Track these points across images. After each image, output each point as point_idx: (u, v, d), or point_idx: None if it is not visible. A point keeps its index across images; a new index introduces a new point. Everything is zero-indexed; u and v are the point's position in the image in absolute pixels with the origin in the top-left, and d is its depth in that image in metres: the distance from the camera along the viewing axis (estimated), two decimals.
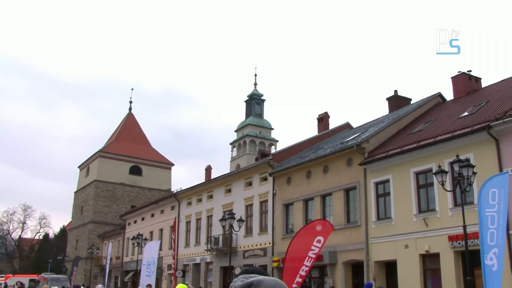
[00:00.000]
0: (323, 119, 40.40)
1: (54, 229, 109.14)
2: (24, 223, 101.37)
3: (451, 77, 29.87)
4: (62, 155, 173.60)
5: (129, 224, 60.85)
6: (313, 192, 30.07)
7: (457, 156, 17.77)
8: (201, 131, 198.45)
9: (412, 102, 33.60)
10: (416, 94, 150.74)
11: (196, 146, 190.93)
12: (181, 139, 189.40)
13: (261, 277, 2.60)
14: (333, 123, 40.24)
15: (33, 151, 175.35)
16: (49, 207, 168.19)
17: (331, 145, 31.85)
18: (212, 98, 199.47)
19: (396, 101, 33.79)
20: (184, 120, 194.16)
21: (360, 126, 35.24)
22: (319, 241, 16.65)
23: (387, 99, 34.76)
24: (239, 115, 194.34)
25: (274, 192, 33.67)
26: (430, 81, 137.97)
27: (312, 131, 57.19)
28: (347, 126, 38.25)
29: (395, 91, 34.24)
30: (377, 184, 26.04)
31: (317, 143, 36.11)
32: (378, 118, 33.88)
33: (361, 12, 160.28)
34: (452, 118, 25.17)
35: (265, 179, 35.21)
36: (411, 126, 28.24)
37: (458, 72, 29.51)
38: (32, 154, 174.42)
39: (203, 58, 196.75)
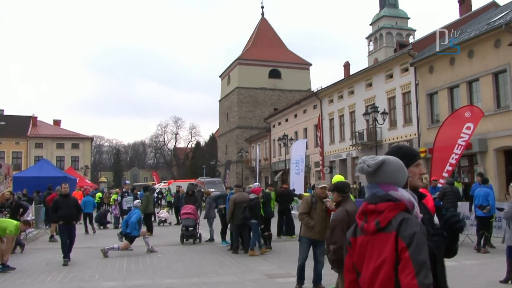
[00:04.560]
0: (464, 1, 37.78)
1: (204, 137, 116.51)
2: (176, 134, 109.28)
3: None
4: (201, 67, 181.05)
5: (273, 126, 62.98)
6: (458, 79, 28.95)
7: None
8: (333, 27, 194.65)
9: None
10: None
11: (329, 43, 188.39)
12: (314, 38, 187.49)
13: (388, 156, 2.91)
14: (476, 4, 37.54)
15: (175, 67, 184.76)
16: (197, 117, 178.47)
17: (475, 27, 29.99)
18: None
19: None
20: (315, 18, 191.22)
21: (508, 3, 32.53)
22: (468, 128, 16.35)
23: None
24: (372, 8, 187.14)
25: (417, 82, 32.89)
26: None
27: (453, 15, 53.85)
28: (492, 5, 35.45)
29: None
30: None
31: (459, 27, 34.16)
32: None
33: None
34: None
35: (406, 69, 34.38)
36: None
37: None
38: (174, 70, 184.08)
39: None
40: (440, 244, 2.86)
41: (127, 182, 21.60)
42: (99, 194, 33.79)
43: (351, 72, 45.79)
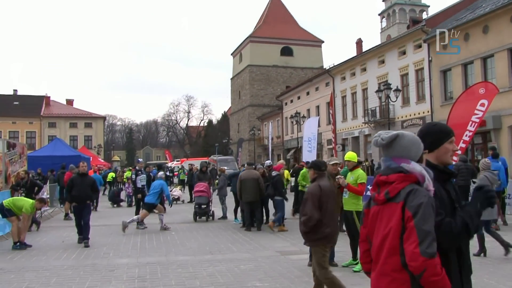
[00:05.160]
0: None
1: (216, 115, 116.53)
2: (189, 112, 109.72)
3: None
4: (213, 45, 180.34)
5: (285, 104, 62.84)
6: (472, 55, 28.60)
7: None
8: (345, 3, 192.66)
9: None
10: None
11: (341, 20, 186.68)
12: (326, 14, 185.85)
13: (402, 131, 3.00)
14: None
15: (187, 45, 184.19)
16: (209, 95, 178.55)
17: (491, 2, 29.48)
18: None
19: None
20: None
21: None
22: (482, 105, 16.11)
23: None
24: None
25: (430, 59, 32.56)
26: None
27: None
28: None
29: None
30: None
31: (474, 2, 33.63)
32: None
33: None
34: None
35: (419, 46, 34.02)
36: None
37: None
38: (187, 48, 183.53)
39: None
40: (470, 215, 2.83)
41: (140, 160, 21.64)
42: (112, 174, 34.07)
43: (364, 49, 45.42)
